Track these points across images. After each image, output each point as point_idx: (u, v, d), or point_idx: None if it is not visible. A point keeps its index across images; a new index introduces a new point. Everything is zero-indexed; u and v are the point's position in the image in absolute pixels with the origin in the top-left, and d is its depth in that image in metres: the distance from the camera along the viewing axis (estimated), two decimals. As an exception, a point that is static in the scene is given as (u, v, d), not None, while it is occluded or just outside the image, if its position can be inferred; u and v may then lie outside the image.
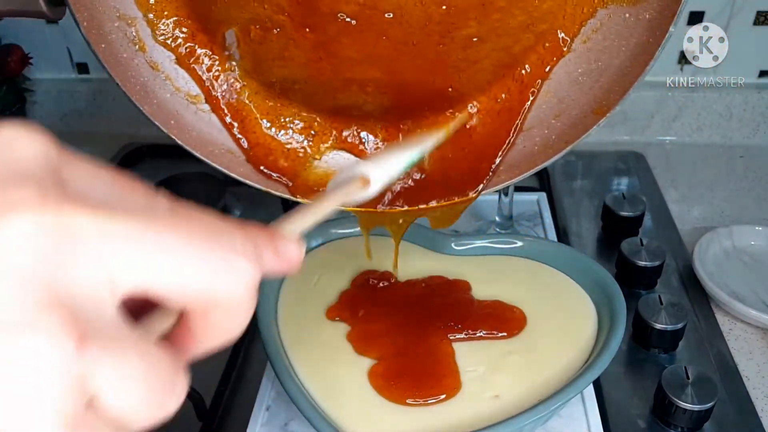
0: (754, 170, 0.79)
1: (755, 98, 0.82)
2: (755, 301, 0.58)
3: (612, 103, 0.41)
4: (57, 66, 0.91)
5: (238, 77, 0.44)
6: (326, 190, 0.29)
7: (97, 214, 0.17)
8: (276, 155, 0.45)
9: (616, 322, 0.47)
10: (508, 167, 0.45)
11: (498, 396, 0.44)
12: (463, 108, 0.44)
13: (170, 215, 0.19)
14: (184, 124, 0.43)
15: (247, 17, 0.41)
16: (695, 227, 0.69)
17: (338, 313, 0.51)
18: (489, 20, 0.40)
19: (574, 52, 0.42)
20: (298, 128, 0.45)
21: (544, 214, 0.69)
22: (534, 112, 0.44)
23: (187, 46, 0.42)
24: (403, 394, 0.45)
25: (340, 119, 0.46)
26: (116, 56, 0.40)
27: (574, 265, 0.53)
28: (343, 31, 0.40)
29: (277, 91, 0.44)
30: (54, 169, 0.18)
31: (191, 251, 0.18)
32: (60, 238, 0.16)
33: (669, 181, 0.77)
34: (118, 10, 0.40)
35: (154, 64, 0.42)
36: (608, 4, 0.40)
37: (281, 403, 0.50)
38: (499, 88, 0.44)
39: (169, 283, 0.18)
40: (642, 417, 0.50)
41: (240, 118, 0.44)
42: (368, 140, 0.46)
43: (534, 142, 0.44)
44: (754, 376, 0.53)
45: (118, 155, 0.86)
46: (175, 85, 0.43)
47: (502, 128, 0.44)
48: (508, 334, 0.49)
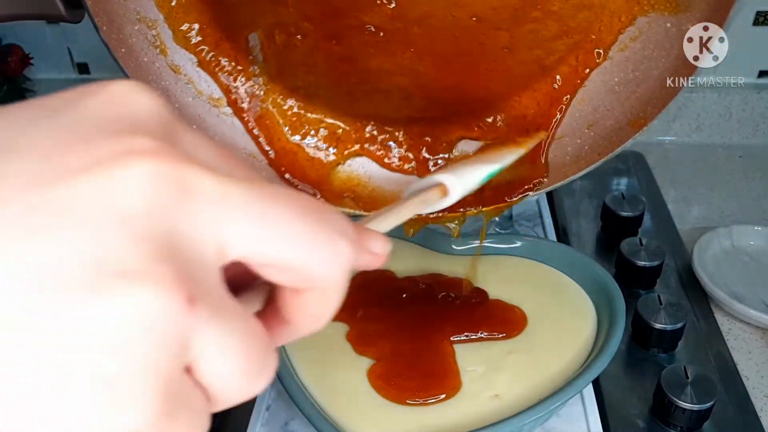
0: (754, 170, 0.79)
1: (754, 98, 0.82)
2: (755, 301, 0.58)
3: (650, 115, 0.39)
4: (58, 66, 0.91)
5: (261, 82, 0.43)
6: (404, 196, 0.29)
7: (215, 176, 0.16)
8: (301, 164, 0.44)
9: (615, 321, 0.47)
10: None
11: (498, 395, 0.45)
12: (490, 115, 0.43)
13: (278, 189, 0.19)
14: (206, 128, 0.42)
15: (272, 22, 0.40)
16: (695, 227, 0.70)
17: (337, 313, 0.50)
18: (521, 31, 0.39)
19: (610, 60, 0.40)
20: (322, 135, 0.44)
21: (543, 213, 0.69)
22: (567, 120, 0.42)
23: (210, 48, 0.41)
24: (403, 394, 0.45)
25: (364, 126, 0.45)
26: (137, 60, 0.40)
27: (574, 265, 0.53)
28: (369, 42, 0.40)
29: (301, 96, 0.43)
30: (168, 127, 0.17)
31: (301, 226, 0.18)
32: (178, 191, 0.15)
33: (668, 181, 0.77)
34: (138, 13, 0.40)
35: (176, 67, 0.41)
36: (648, 13, 0.39)
37: (281, 403, 0.50)
38: (529, 97, 0.43)
39: (276, 255, 0.17)
40: (641, 417, 0.50)
41: (263, 124, 0.43)
42: (393, 148, 0.45)
43: (566, 152, 0.42)
44: (753, 376, 0.53)
45: (118, 155, 0.87)
46: (197, 88, 0.42)
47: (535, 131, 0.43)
48: (508, 334, 0.49)
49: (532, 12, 0.39)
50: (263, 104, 0.43)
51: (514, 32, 0.39)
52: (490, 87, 0.42)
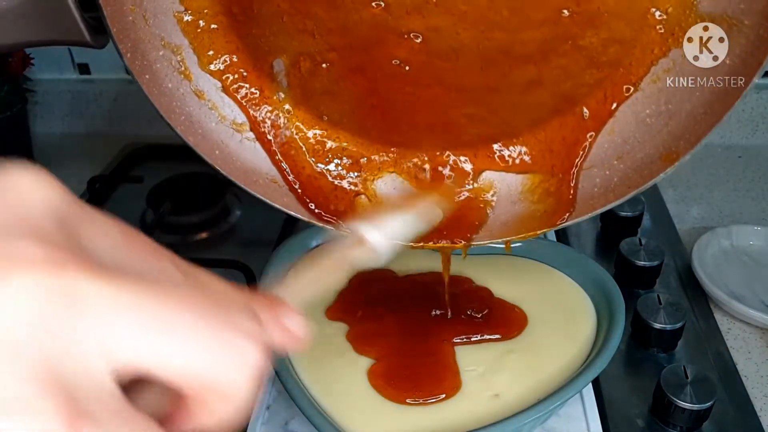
0: (753, 170, 0.80)
1: (754, 99, 0.82)
2: (754, 301, 0.58)
3: (682, 151, 0.38)
4: (58, 66, 0.92)
5: (285, 109, 0.43)
6: (331, 249, 0.28)
7: (103, 279, 0.16)
8: (325, 193, 0.44)
9: (615, 321, 0.47)
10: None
11: (498, 395, 0.45)
12: (512, 143, 0.43)
13: (179, 283, 0.18)
14: (229, 153, 0.42)
15: (298, 50, 0.40)
16: (694, 227, 0.70)
17: (337, 313, 0.51)
18: (549, 66, 0.39)
19: (642, 91, 0.39)
20: (346, 164, 0.44)
21: (543, 214, 0.69)
22: (595, 150, 0.41)
23: (235, 73, 0.41)
24: (403, 394, 0.45)
25: (388, 153, 0.44)
26: (161, 86, 0.40)
27: (574, 265, 0.53)
28: (396, 75, 0.39)
29: (325, 124, 0.43)
30: (63, 222, 0.17)
31: (200, 329, 0.17)
32: (64, 305, 0.15)
33: (668, 181, 0.77)
34: (162, 39, 0.39)
35: (200, 93, 0.41)
36: (682, 44, 0.38)
37: (282, 403, 0.50)
38: (554, 131, 0.42)
39: (169, 365, 0.17)
40: (641, 416, 0.50)
41: (286, 152, 0.43)
42: (418, 176, 0.45)
43: (594, 183, 0.41)
44: (752, 376, 0.53)
45: (119, 156, 0.87)
46: (220, 113, 0.42)
47: (563, 160, 0.42)
48: (508, 334, 0.49)
49: (562, 46, 0.38)
50: (287, 131, 0.43)
51: (541, 66, 0.38)
52: (516, 120, 0.42)
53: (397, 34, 0.38)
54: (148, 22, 0.39)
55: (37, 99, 0.90)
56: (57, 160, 0.88)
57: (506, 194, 0.44)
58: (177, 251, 0.56)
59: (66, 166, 0.87)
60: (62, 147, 0.91)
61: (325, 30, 0.39)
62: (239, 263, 0.62)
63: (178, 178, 0.78)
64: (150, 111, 0.40)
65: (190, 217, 0.74)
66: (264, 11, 0.39)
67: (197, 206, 0.74)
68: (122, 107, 0.91)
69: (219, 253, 0.71)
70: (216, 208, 0.75)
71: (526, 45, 0.38)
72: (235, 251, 0.71)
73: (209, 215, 0.74)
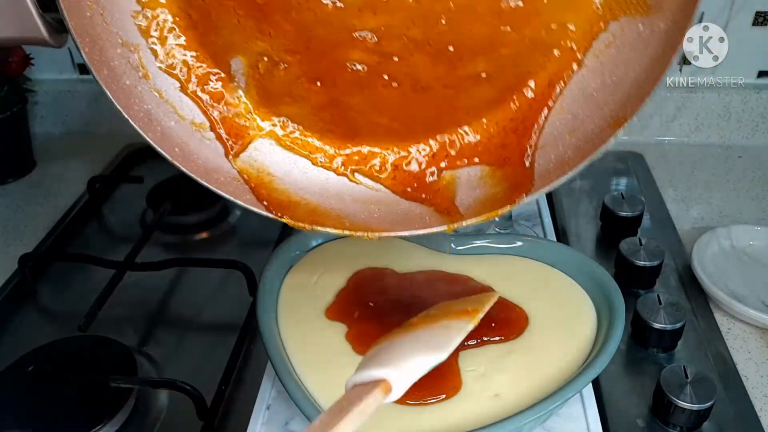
0: (753, 170, 0.80)
1: (754, 98, 0.82)
2: (754, 301, 0.58)
3: (629, 114, 0.39)
4: (58, 67, 0.92)
5: (243, 109, 0.43)
6: (346, 390, 0.29)
7: None
8: (277, 193, 0.44)
9: (615, 321, 0.47)
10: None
11: (498, 395, 0.45)
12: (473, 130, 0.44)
13: None
14: (189, 151, 0.42)
15: (255, 49, 0.41)
16: (694, 227, 0.70)
17: (336, 314, 0.51)
18: (497, 56, 0.40)
19: (586, 68, 0.40)
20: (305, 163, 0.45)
21: (543, 213, 0.69)
22: (548, 129, 0.42)
23: (193, 73, 0.42)
24: (403, 394, 0.45)
25: (347, 149, 0.45)
26: (119, 82, 0.40)
27: (573, 265, 0.53)
28: (353, 79, 0.40)
29: (283, 124, 0.44)
30: None
31: None
32: None
33: (668, 181, 0.77)
34: (120, 37, 0.40)
35: (159, 92, 0.41)
36: (619, 17, 0.39)
37: (282, 402, 0.50)
38: (506, 115, 0.43)
39: None
40: (641, 416, 0.50)
41: (244, 149, 0.44)
42: (378, 168, 0.45)
43: (549, 160, 0.42)
44: (752, 376, 0.53)
45: (118, 156, 0.87)
46: (179, 113, 0.42)
47: (515, 148, 0.43)
48: (508, 334, 0.49)
49: (508, 36, 0.39)
50: (246, 130, 0.43)
51: (489, 56, 0.40)
52: (469, 112, 0.43)
53: (351, 34, 0.39)
54: (105, 19, 0.39)
55: (37, 99, 0.90)
56: (57, 160, 0.88)
57: (467, 181, 0.44)
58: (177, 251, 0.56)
59: (66, 166, 0.87)
60: (62, 147, 0.91)
61: (282, 31, 0.40)
62: (239, 263, 0.62)
63: (178, 178, 0.77)
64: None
65: (190, 217, 0.74)
66: (221, 12, 0.40)
67: (197, 206, 0.74)
68: (122, 107, 0.91)
69: (219, 253, 0.71)
70: (216, 208, 0.75)
71: (474, 38, 0.39)
72: (235, 251, 0.71)
73: (209, 215, 0.74)
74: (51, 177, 0.86)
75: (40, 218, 0.77)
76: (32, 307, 0.66)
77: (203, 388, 0.51)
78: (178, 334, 0.62)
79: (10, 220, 0.77)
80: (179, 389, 0.51)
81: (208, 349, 0.59)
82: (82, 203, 0.78)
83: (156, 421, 0.52)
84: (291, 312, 0.51)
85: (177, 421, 0.52)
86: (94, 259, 0.65)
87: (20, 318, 0.64)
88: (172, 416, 0.53)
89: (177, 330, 0.62)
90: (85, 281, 0.67)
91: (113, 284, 0.61)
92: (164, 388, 0.54)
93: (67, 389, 0.53)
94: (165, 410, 0.53)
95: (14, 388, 0.53)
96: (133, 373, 0.53)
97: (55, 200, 0.80)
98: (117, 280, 0.61)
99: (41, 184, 0.84)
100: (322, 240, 0.58)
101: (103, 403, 0.51)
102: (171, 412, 0.53)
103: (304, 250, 0.57)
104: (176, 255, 0.68)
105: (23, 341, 0.59)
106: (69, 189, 0.81)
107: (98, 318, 0.57)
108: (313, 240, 0.58)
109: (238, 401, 0.54)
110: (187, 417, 0.51)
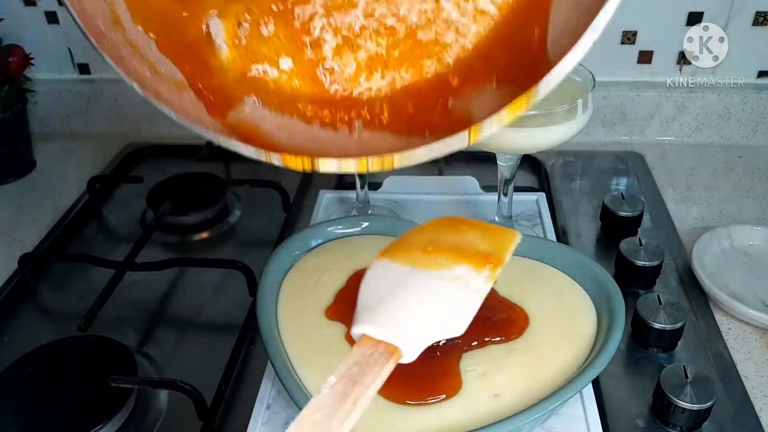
0: (753, 170, 0.80)
1: (754, 98, 0.82)
2: (754, 301, 0.58)
3: None
4: (58, 66, 0.92)
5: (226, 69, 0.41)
6: (355, 350, 0.29)
7: None
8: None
9: (615, 321, 0.47)
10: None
11: (498, 395, 0.45)
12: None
13: None
14: (168, 99, 0.38)
15: (235, 11, 0.39)
16: (694, 227, 0.70)
17: (336, 314, 0.51)
18: None
19: None
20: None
21: (543, 213, 0.69)
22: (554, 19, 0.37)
23: (169, 32, 0.39)
24: (403, 394, 0.45)
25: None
26: (93, 23, 0.36)
27: (574, 265, 0.53)
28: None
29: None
30: None
31: None
32: None
33: (668, 181, 0.77)
34: None
35: (134, 45, 0.38)
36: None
37: (282, 402, 0.50)
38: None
39: None
40: (641, 416, 0.50)
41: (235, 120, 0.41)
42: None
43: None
44: (752, 376, 0.53)
45: (118, 156, 0.87)
46: (156, 69, 0.39)
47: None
48: (509, 334, 0.49)
49: None
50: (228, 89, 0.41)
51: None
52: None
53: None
54: None
55: (37, 99, 0.90)
56: (57, 160, 0.88)
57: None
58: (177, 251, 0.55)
59: (66, 166, 0.87)
60: (62, 147, 0.91)
61: None
62: (239, 263, 0.62)
63: (178, 178, 0.78)
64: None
65: (190, 217, 0.74)
66: None
67: (197, 206, 0.74)
68: (122, 107, 0.91)
69: (219, 253, 0.71)
70: (216, 208, 0.75)
71: None
72: (235, 251, 0.71)
73: (209, 215, 0.74)
74: (51, 177, 0.86)
75: (40, 218, 0.77)
76: (32, 307, 0.66)
77: (203, 388, 0.51)
78: (178, 334, 0.62)
79: (10, 220, 0.77)
80: (179, 389, 0.51)
81: (207, 349, 0.59)
82: (82, 203, 0.78)
83: (156, 421, 0.53)
84: (291, 312, 0.51)
85: (177, 421, 0.52)
86: (94, 259, 0.65)
87: (20, 318, 0.64)
88: (172, 416, 0.53)
89: (177, 330, 0.62)
90: (85, 281, 0.67)
91: (113, 284, 0.61)
92: (164, 388, 0.54)
93: (67, 389, 0.53)
94: (165, 410, 0.53)
95: (14, 388, 0.53)
96: (132, 373, 0.53)
97: (55, 200, 0.80)
98: (117, 280, 0.61)
99: (41, 184, 0.84)
100: (322, 240, 0.58)
101: (103, 403, 0.51)
102: (171, 412, 0.53)
103: (304, 250, 0.57)
104: (176, 255, 0.68)
105: (23, 341, 0.59)
106: (69, 189, 0.81)
107: (98, 318, 0.58)
108: (313, 240, 0.58)
109: (238, 401, 0.54)
110: (187, 417, 0.51)
